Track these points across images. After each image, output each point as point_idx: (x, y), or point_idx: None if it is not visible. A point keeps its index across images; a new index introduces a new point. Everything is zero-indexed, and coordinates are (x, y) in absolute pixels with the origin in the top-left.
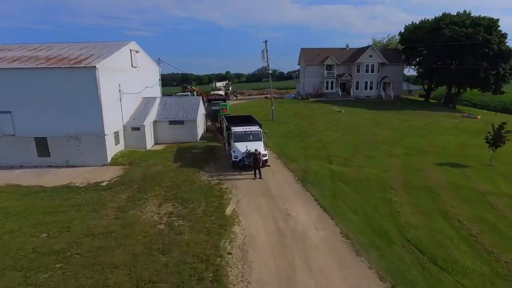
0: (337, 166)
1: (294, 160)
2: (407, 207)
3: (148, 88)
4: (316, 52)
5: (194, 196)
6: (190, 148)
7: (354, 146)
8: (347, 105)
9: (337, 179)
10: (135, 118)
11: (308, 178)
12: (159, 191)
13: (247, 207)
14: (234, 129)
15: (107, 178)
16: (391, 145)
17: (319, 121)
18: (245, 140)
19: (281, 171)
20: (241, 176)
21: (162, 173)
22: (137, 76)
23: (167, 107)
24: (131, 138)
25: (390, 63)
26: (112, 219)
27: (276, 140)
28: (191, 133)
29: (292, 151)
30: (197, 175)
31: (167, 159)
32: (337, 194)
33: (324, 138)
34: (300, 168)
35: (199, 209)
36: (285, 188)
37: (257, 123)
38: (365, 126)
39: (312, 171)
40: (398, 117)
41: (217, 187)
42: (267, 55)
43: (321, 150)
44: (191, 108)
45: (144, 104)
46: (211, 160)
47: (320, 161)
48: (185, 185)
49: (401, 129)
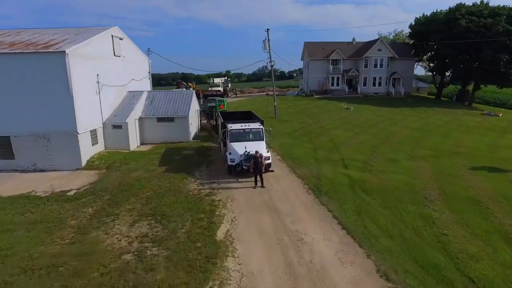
0: (356, 172)
1: (303, 164)
2: (455, 227)
3: (135, 81)
4: (320, 46)
5: (178, 211)
6: (180, 149)
7: (370, 147)
8: (355, 102)
9: (358, 188)
10: (117, 114)
11: (322, 187)
12: (135, 203)
13: (245, 228)
14: (231, 126)
15: (76, 185)
16: (412, 145)
17: (327, 119)
18: (244, 139)
19: (288, 177)
20: (238, 184)
21: (142, 179)
22: (121, 66)
23: (155, 102)
24: (112, 138)
25: (400, 58)
26: (66, 244)
27: (280, 140)
28: (183, 132)
29: (299, 153)
30: (185, 182)
31: (152, 162)
32: (361, 209)
33: (335, 138)
34: (310, 174)
35: (181, 231)
36: (294, 201)
37: (258, 119)
38: (379, 124)
39: (326, 177)
40: (413, 114)
41: (208, 199)
42: (269, 45)
43: (333, 151)
44: (182, 103)
45: (128, 99)
46: (204, 164)
47: (333, 165)
48: (169, 195)
49: (420, 127)
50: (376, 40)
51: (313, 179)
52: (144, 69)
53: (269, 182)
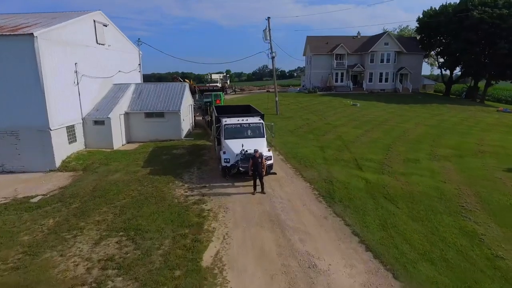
0: (372, 174)
1: (310, 165)
2: (509, 246)
3: (123, 73)
4: (324, 40)
5: (157, 224)
6: (170, 148)
7: (384, 146)
8: (361, 98)
9: (379, 195)
10: (100, 109)
11: (335, 193)
12: (106, 214)
13: (240, 249)
14: (225, 121)
15: (44, 190)
16: (431, 144)
17: (333, 116)
18: (241, 136)
19: (293, 181)
20: (234, 189)
21: (121, 183)
22: (106, 56)
23: (144, 96)
24: (94, 135)
25: (408, 52)
26: (8, 269)
27: (282, 138)
28: (174, 129)
29: (305, 152)
30: (171, 187)
31: (136, 162)
32: (387, 222)
33: (343, 136)
34: (319, 176)
35: (158, 252)
36: (302, 211)
37: (258, 113)
38: (389, 121)
39: (339, 181)
40: (425, 111)
41: (195, 208)
42: (269, 35)
43: (343, 150)
44: (173, 97)
45: (114, 92)
46: (195, 165)
47: (345, 166)
48: (149, 203)
49: (436, 124)
50: (382, 34)
51: (323, 183)
52: (133, 61)
53: (270, 186)
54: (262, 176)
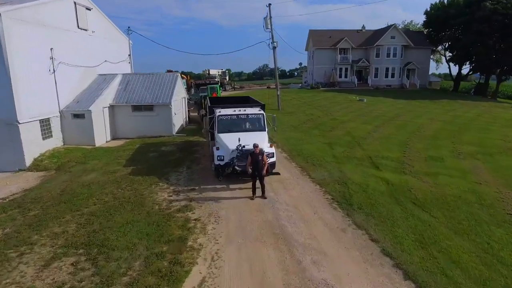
0: (393, 174)
1: (318, 164)
2: None
3: (110, 63)
4: (327, 34)
5: (129, 238)
6: (159, 145)
7: (399, 142)
8: (367, 94)
9: (406, 200)
10: (80, 100)
11: (352, 198)
12: (69, 224)
13: (234, 278)
14: (219, 111)
15: (4, 193)
16: (451, 140)
17: (338, 111)
18: (238, 129)
19: (300, 183)
20: (228, 192)
21: (95, 185)
22: (89, 43)
23: (131, 87)
24: (73, 130)
25: (415, 47)
26: None
27: (285, 133)
28: (164, 124)
29: (311, 150)
30: (153, 189)
31: (118, 161)
32: (424, 237)
33: (352, 132)
34: (331, 177)
35: (123, 280)
36: (314, 221)
37: (258, 103)
38: (401, 116)
39: (354, 183)
40: (437, 107)
41: (180, 218)
42: (271, 23)
43: (354, 147)
44: (164, 89)
45: (98, 83)
46: (185, 163)
47: (359, 165)
48: (123, 210)
49: (450, 120)
50: (389, 27)
51: (336, 186)
52: (123, 51)
53: (273, 189)
54: (263, 176)
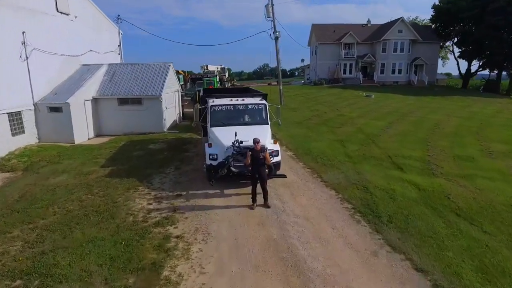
0: (421, 177)
1: (331, 164)
2: None
3: (96, 54)
4: (331, 28)
5: (86, 263)
6: (146, 142)
7: (419, 140)
8: (374, 90)
9: (446, 210)
10: (59, 92)
11: (378, 207)
12: (14, 242)
13: None
14: (213, 101)
15: None
16: (476, 138)
17: (346, 107)
18: (234, 122)
19: (310, 187)
20: (222, 199)
21: (62, 189)
22: (71, 30)
23: (118, 78)
24: (49, 125)
25: (423, 41)
26: None
27: (289, 130)
28: (155, 119)
29: (320, 148)
30: (130, 195)
31: (96, 160)
32: (485, 263)
33: (364, 128)
34: (347, 180)
35: None
36: (334, 241)
37: (259, 93)
38: (414, 112)
39: (377, 187)
40: (450, 103)
41: (157, 234)
42: (272, 11)
43: (369, 145)
44: (154, 80)
45: (80, 74)
46: (173, 163)
47: (379, 166)
48: (87, 223)
49: (468, 116)
50: (396, 20)
51: (355, 191)
52: (111, 41)
53: (278, 196)
54: (265, 179)
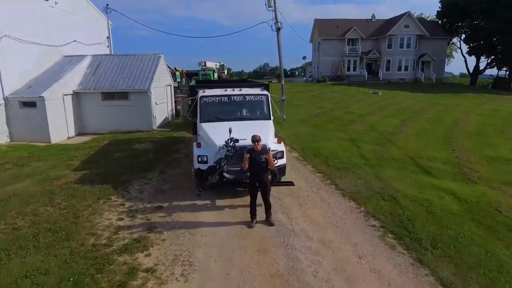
0: (456, 183)
1: (345, 167)
2: None
3: (81, 45)
4: (334, 23)
5: None
6: (132, 142)
7: (441, 139)
8: (380, 88)
9: (502, 228)
10: (34, 85)
11: (415, 226)
12: None
13: None
14: (203, 91)
15: None
16: (504, 137)
17: (353, 104)
18: (229, 116)
19: (323, 197)
20: (213, 213)
21: (15, 199)
22: (50, 17)
23: (102, 71)
24: (21, 122)
25: (431, 37)
26: None
27: (293, 128)
28: (143, 116)
29: (331, 148)
30: (99, 207)
31: (69, 163)
32: None
33: (376, 126)
34: (368, 188)
35: None
36: (365, 277)
37: (260, 84)
38: (427, 110)
39: (407, 197)
40: (463, 100)
41: (122, 265)
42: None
43: (385, 145)
44: (143, 73)
45: (60, 66)
46: (158, 166)
47: (403, 169)
48: (32, 248)
49: (488, 114)
50: (402, 15)
51: (381, 202)
52: (99, 31)
53: (283, 209)
54: (268, 189)
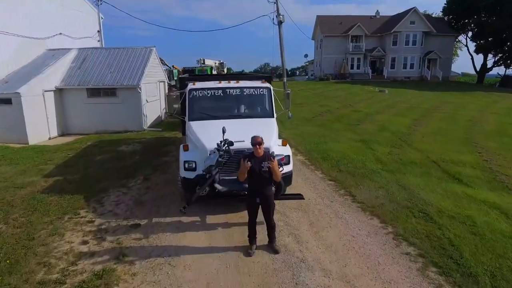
0: (496, 194)
1: (360, 173)
2: None
3: (68, 38)
4: (337, 20)
5: None
6: (118, 143)
7: (461, 140)
8: (386, 86)
9: None
10: (11, 80)
11: (462, 254)
12: None
13: None
14: (193, 83)
15: None
16: None
17: (359, 102)
18: (223, 113)
19: (339, 212)
20: (201, 235)
21: None
22: (33, 7)
23: (88, 65)
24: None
25: (437, 34)
26: None
27: (297, 128)
28: (133, 114)
29: (341, 150)
30: (63, 225)
31: (42, 167)
32: None
33: (388, 125)
34: (392, 200)
35: None
36: None
37: (260, 76)
38: (439, 108)
39: (443, 213)
40: (473, 99)
41: None
42: None
43: (402, 146)
44: (132, 67)
45: (43, 59)
46: (142, 172)
47: (428, 175)
48: None
49: (505, 112)
50: (408, 11)
51: (412, 220)
52: (88, 24)
53: (290, 229)
54: (272, 205)
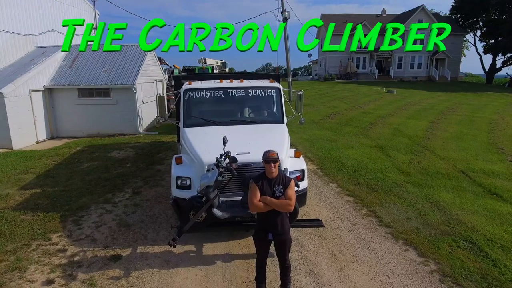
0: None
1: (381, 186)
2: None
3: (59, 34)
4: (342, 18)
5: None
6: (109, 148)
7: (485, 146)
8: (393, 86)
9: None
10: None
11: None
12: None
13: None
14: (190, 84)
15: None
16: None
17: (368, 104)
18: (225, 119)
19: (365, 240)
20: (194, 270)
21: None
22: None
23: (80, 63)
24: None
25: None
26: None
27: (305, 132)
28: (127, 116)
29: (356, 157)
30: (27, 256)
31: (21, 177)
32: None
33: (402, 129)
34: (428, 224)
35: None
36: None
37: (267, 75)
38: (454, 110)
39: (493, 242)
40: (489, 100)
41: None
42: None
43: (422, 153)
44: (127, 66)
45: (32, 57)
46: (132, 183)
47: (460, 190)
48: None
49: None
50: (416, 9)
51: (458, 252)
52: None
53: (307, 264)
54: (288, 242)
